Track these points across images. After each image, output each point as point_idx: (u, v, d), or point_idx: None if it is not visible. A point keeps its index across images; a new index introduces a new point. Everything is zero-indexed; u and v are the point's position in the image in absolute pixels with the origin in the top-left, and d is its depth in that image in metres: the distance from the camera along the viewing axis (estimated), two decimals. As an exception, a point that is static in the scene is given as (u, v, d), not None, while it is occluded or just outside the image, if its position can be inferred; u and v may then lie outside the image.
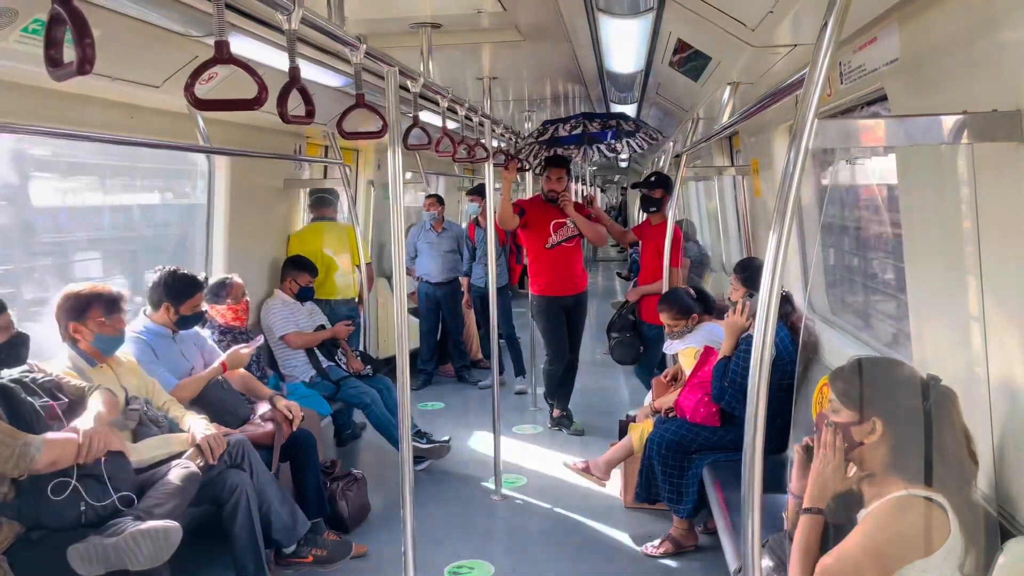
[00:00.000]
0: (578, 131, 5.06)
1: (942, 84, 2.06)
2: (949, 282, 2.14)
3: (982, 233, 1.90)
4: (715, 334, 3.97)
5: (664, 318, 4.21)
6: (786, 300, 3.87)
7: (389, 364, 6.06)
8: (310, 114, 1.86)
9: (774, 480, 1.78)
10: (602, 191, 24.63)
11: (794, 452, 2.18)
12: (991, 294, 1.91)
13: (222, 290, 4.24)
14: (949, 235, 2.08)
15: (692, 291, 4.37)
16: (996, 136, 1.70)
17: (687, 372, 4.05)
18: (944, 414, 1.85)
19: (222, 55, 1.50)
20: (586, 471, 4.14)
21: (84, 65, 1.04)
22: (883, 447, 1.90)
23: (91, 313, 3.13)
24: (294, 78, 1.79)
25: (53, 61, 1.08)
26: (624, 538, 3.98)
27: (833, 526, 1.96)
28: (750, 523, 1.66)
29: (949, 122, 1.70)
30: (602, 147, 5.93)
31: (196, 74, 1.52)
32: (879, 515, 1.86)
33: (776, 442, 3.42)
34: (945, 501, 1.79)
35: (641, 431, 4.03)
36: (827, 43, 1.50)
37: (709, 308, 4.23)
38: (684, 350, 4.15)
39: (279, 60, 2.78)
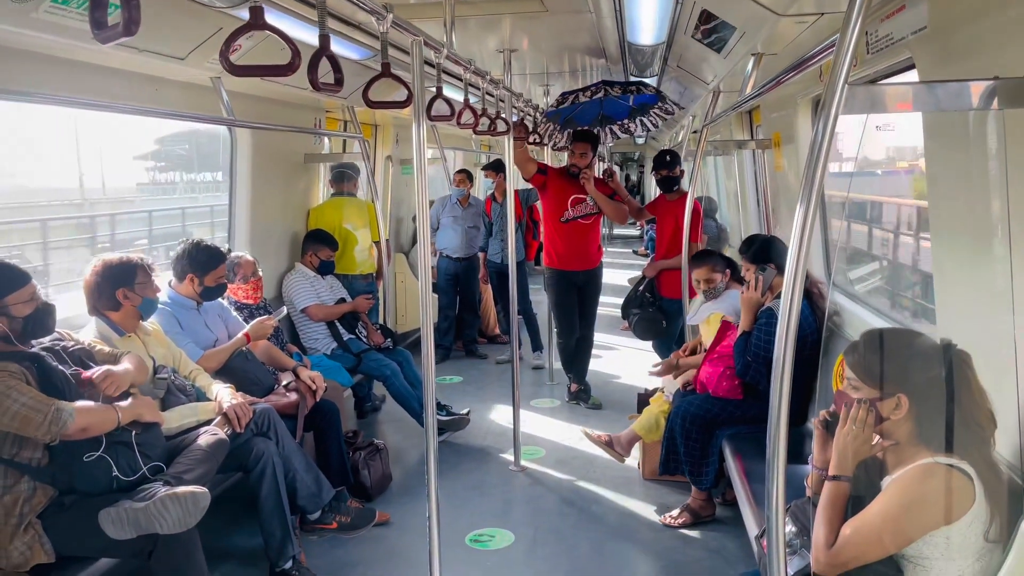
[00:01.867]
0: (599, 95, 5.02)
1: (971, 52, 2.04)
2: (976, 251, 2.14)
3: (1011, 201, 1.89)
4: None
5: (700, 274, 4.18)
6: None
7: (407, 338, 6.11)
8: (339, 82, 1.88)
9: (794, 451, 1.79)
10: (621, 168, 24.51)
11: (814, 426, 2.17)
12: (1020, 263, 1.90)
13: (232, 269, 4.26)
14: (977, 204, 2.07)
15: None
16: (1027, 102, 1.69)
17: (706, 343, 4.05)
18: (961, 377, 1.85)
19: (256, 21, 1.51)
20: (609, 445, 4.17)
21: (130, 26, 1.06)
22: (909, 421, 1.90)
23: (139, 278, 3.19)
24: (324, 46, 1.81)
25: (98, 23, 1.10)
26: (642, 508, 4.02)
27: (854, 497, 1.97)
28: (775, 489, 1.68)
29: (979, 87, 1.69)
30: (615, 128, 5.91)
31: (231, 39, 1.54)
32: (902, 483, 1.87)
33: (796, 414, 3.45)
34: (970, 469, 1.79)
35: (656, 416, 4.06)
36: (858, 9, 1.49)
37: (736, 273, 4.24)
38: (708, 318, 4.14)
39: (302, 33, 2.81)
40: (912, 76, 2.55)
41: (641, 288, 5.55)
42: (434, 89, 3.15)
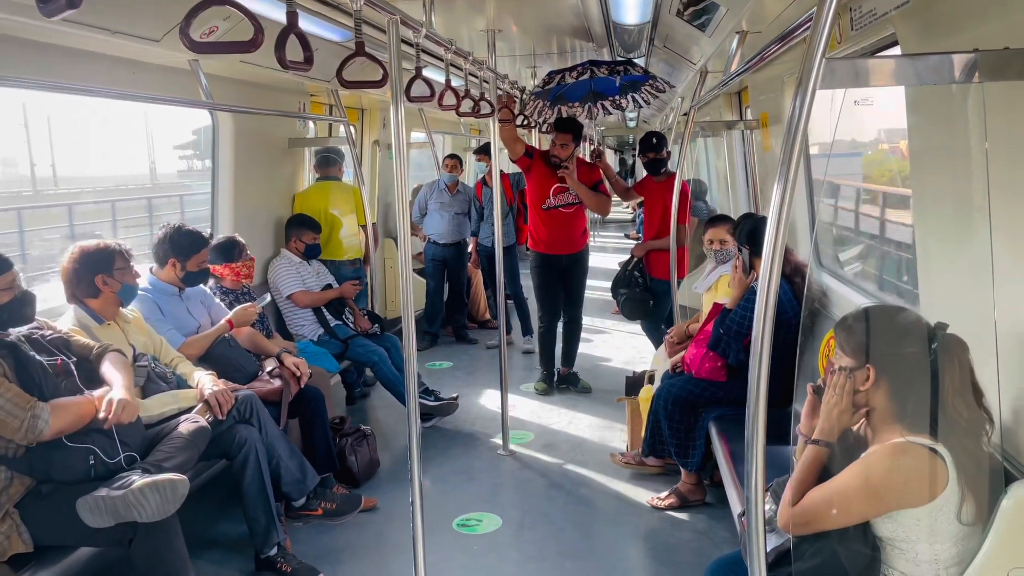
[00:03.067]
0: (585, 77, 4.96)
1: (954, 26, 2.01)
2: (958, 227, 2.12)
3: (992, 175, 1.86)
4: None
5: (716, 233, 4.15)
6: (786, 252, 3.84)
7: (395, 324, 6.07)
8: (308, 60, 1.84)
9: (777, 432, 1.77)
10: (616, 151, 24.39)
11: (807, 392, 2.15)
12: (1000, 239, 1.88)
13: (234, 250, 4.21)
14: (958, 178, 2.05)
15: None
16: (1007, 75, 1.66)
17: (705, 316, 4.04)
18: (948, 362, 1.82)
19: (217, -4, 1.47)
20: (642, 464, 4.13)
21: (73, -1, 1.02)
22: (880, 393, 1.88)
23: (117, 263, 3.15)
24: (291, 23, 1.77)
25: (43, -4, 1.06)
26: (630, 491, 4.00)
27: (835, 468, 1.95)
28: (754, 467, 1.66)
29: (960, 61, 1.66)
30: (607, 104, 5.83)
31: (191, 16, 1.49)
32: (871, 458, 1.85)
33: (781, 396, 3.43)
34: (945, 451, 1.76)
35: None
36: None
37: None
38: (716, 284, 4.11)
39: (277, 12, 2.75)
40: (896, 53, 2.52)
41: (630, 268, 5.52)
42: (413, 70, 3.10)
